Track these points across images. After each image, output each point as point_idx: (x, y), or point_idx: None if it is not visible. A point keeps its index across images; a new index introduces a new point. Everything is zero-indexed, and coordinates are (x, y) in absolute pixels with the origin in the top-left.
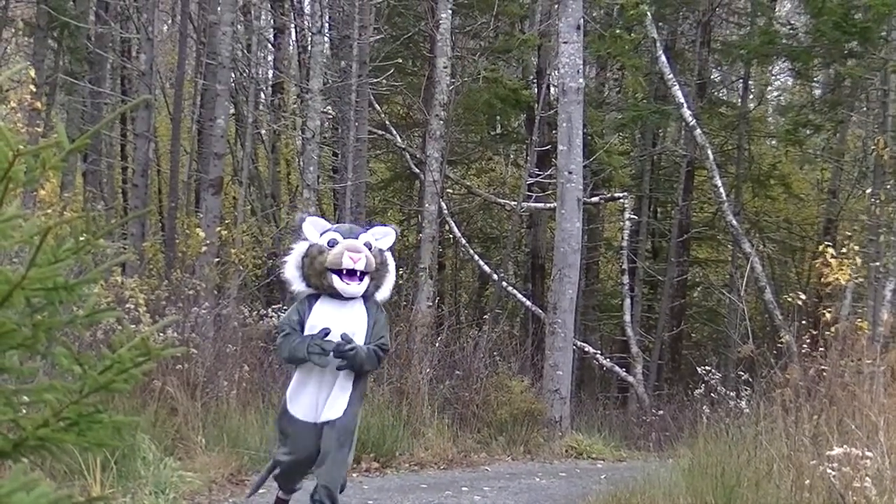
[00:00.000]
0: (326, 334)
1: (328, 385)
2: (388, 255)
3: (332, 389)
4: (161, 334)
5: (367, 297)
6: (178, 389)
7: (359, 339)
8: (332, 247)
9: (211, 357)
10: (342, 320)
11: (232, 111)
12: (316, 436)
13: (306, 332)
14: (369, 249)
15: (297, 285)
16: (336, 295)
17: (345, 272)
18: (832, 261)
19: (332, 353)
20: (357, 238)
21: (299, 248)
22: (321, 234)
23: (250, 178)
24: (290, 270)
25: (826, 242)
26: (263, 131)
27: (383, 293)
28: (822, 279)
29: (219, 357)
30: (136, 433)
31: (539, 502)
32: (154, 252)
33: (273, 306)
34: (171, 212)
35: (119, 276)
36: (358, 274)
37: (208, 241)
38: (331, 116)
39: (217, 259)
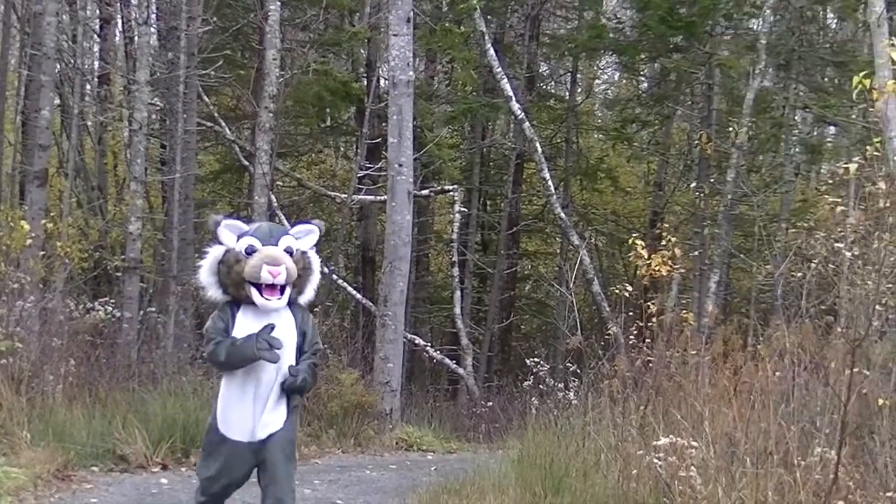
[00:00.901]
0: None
1: (262, 399)
2: (312, 254)
3: (267, 402)
4: None
5: (290, 301)
6: (3, 384)
7: (288, 346)
8: (250, 254)
9: (36, 351)
10: (276, 332)
11: (57, 102)
12: (251, 456)
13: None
14: (290, 255)
15: (213, 292)
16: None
17: (264, 286)
18: (644, 252)
19: (284, 387)
20: (277, 243)
21: (214, 253)
22: (238, 239)
23: (76, 171)
24: (205, 277)
25: (635, 235)
26: (90, 123)
27: (307, 295)
28: (638, 271)
29: (44, 351)
30: None
31: (369, 495)
32: None
33: (100, 300)
34: None
35: None
36: (278, 288)
37: (33, 234)
38: (158, 108)
39: (42, 252)
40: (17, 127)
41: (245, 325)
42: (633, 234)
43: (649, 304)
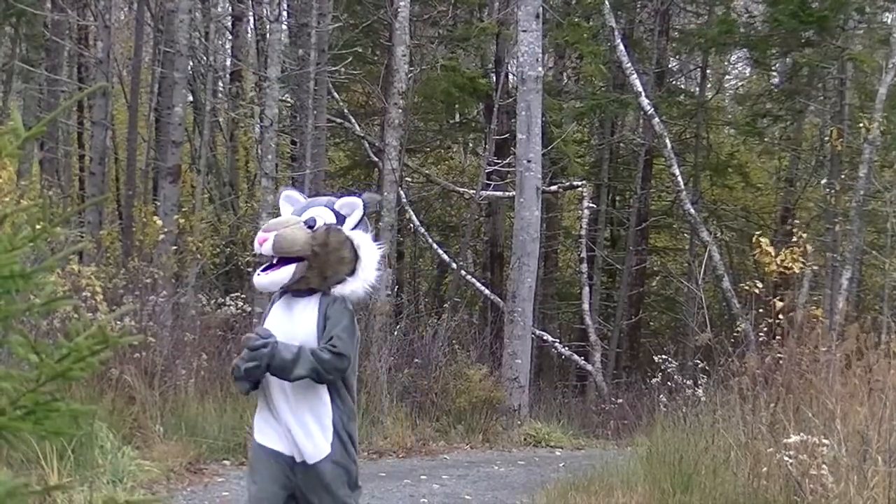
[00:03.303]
0: (248, 349)
1: (291, 405)
2: (350, 234)
3: (304, 413)
4: (118, 322)
5: (324, 291)
6: (136, 378)
7: (306, 342)
8: None
9: (169, 345)
10: (291, 325)
11: (190, 99)
12: (287, 471)
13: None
14: (311, 227)
15: None
16: (293, 291)
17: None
18: (770, 249)
19: (242, 366)
20: (302, 213)
21: None
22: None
23: (208, 167)
24: None
25: (759, 233)
26: (221, 119)
27: (351, 286)
28: (765, 268)
29: (177, 345)
30: (93, 422)
31: (497, 490)
32: (111, 240)
33: (231, 295)
34: (129, 200)
35: (76, 264)
36: (270, 261)
37: (166, 230)
38: (289, 104)
39: (175, 247)
40: (150, 123)
41: (275, 315)
42: (762, 231)
43: (778, 300)
